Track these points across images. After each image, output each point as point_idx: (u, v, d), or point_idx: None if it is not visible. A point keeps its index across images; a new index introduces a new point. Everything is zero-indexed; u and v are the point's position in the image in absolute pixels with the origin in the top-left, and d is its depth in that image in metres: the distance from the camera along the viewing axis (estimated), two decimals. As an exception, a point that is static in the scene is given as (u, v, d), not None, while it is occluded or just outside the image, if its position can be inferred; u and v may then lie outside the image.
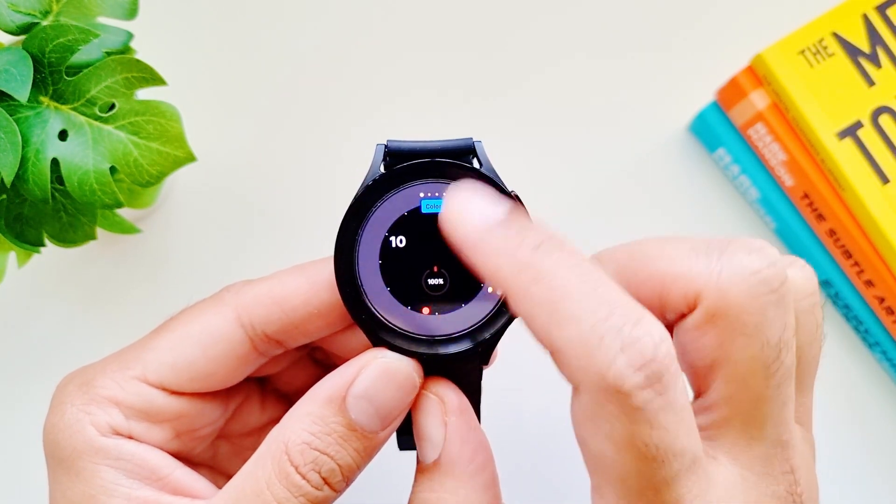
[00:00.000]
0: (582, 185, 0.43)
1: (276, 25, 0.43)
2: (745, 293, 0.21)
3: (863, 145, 0.38)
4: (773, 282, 0.21)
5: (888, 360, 0.41)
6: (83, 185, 0.30)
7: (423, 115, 0.43)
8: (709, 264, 0.21)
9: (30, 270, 0.39)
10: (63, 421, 0.25)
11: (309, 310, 0.26)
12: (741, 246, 0.22)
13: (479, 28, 0.44)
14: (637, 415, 0.19)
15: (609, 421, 0.19)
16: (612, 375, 0.19)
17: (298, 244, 0.41)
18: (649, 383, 0.19)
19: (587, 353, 0.19)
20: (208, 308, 0.27)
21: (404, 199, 0.25)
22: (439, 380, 0.25)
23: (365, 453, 0.24)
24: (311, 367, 0.31)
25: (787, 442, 0.22)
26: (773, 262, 0.21)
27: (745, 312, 0.21)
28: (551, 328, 0.20)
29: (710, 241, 0.22)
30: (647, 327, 0.19)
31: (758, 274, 0.21)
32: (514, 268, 0.20)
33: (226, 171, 0.42)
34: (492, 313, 0.25)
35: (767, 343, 0.21)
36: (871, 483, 0.42)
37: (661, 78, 0.44)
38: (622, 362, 0.19)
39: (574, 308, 0.19)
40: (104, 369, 0.26)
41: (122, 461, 0.25)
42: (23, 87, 0.28)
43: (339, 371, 0.24)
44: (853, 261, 0.40)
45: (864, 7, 0.39)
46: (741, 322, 0.21)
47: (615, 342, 0.19)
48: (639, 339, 0.19)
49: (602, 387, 0.19)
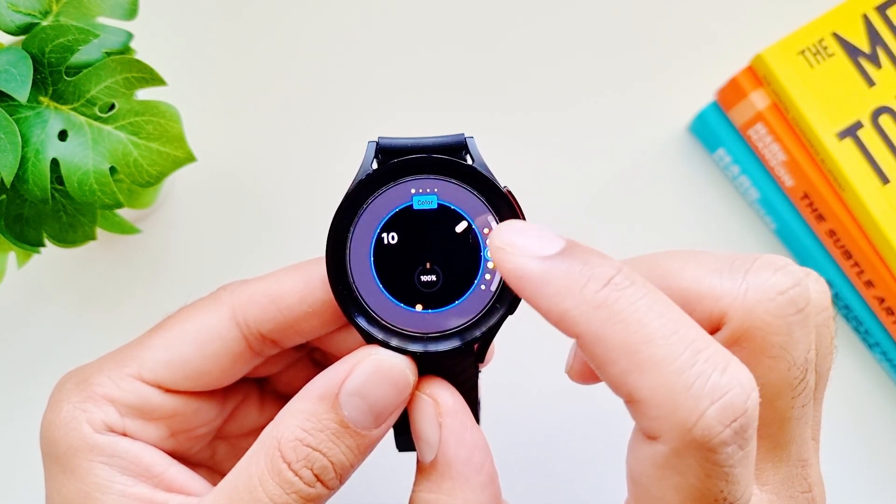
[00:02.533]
0: (582, 185, 0.43)
1: (275, 25, 0.43)
2: (771, 314, 0.20)
3: (863, 145, 0.38)
4: (800, 301, 0.20)
5: (888, 360, 0.41)
6: (83, 186, 0.30)
7: (424, 113, 0.43)
8: (734, 284, 0.21)
9: (29, 271, 0.39)
10: (59, 418, 0.25)
11: (304, 308, 0.26)
12: (766, 264, 0.21)
13: (479, 26, 0.44)
14: (716, 470, 0.18)
15: (682, 473, 0.18)
16: (699, 429, 0.18)
17: (298, 243, 0.41)
18: (736, 439, 0.18)
19: (673, 404, 0.18)
20: (204, 307, 0.27)
21: (396, 196, 0.25)
22: (434, 379, 0.25)
23: (358, 451, 0.24)
24: (310, 367, 0.31)
25: (806, 461, 0.22)
26: (799, 281, 0.21)
27: (772, 333, 0.20)
28: (631, 375, 0.19)
29: (733, 259, 0.21)
30: (736, 375, 0.18)
31: (784, 294, 0.20)
32: (586, 308, 0.19)
33: (226, 172, 0.42)
34: (486, 309, 0.25)
35: (794, 364, 0.20)
36: (871, 484, 0.42)
37: (661, 78, 0.43)
38: (712, 415, 0.18)
39: (657, 352, 0.18)
40: (101, 367, 0.26)
41: (116, 458, 0.25)
42: (22, 87, 0.28)
43: (332, 368, 0.24)
44: (853, 261, 0.40)
45: (864, 7, 0.39)
46: (768, 343, 0.20)
47: (704, 392, 0.18)
48: (729, 390, 0.18)
49: (686, 440, 0.18)
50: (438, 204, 0.25)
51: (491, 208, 0.25)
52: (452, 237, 0.25)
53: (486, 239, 0.24)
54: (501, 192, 0.24)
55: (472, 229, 0.25)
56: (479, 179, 0.24)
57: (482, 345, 0.25)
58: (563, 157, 0.43)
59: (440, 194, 0.25)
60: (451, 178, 0.25)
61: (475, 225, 0.25)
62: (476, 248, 0.25)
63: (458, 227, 0.25)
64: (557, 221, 0.42)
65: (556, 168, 0.43)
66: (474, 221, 0.25)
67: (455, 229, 0.25)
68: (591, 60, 0.44)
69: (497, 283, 0.25)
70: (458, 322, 0.25)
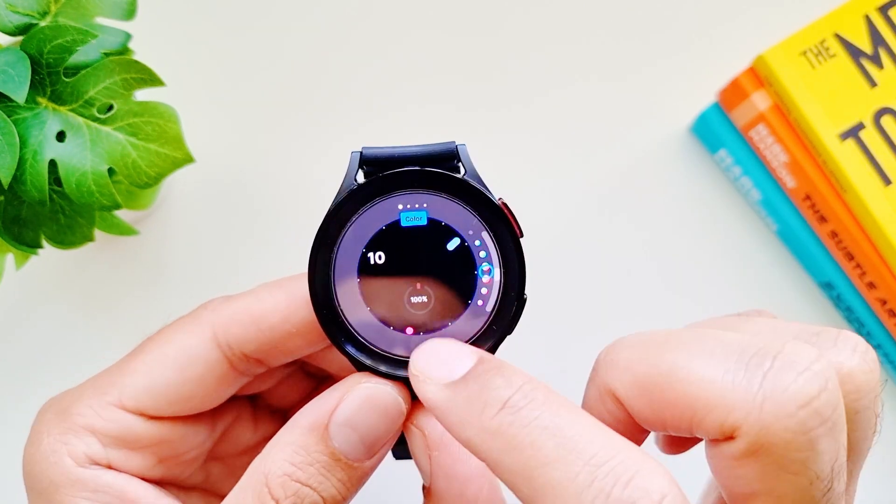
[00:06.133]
0: (583, 186, 0.43)
1: (274, 27, 0.43)
2: (792, 430, 0.18)
3: (865, 146, 0.38)
4: (826, 410, 0.18)
5: (890, 362, 0.41)
6: (81, 187, 0.29)
7: (424, 114, 0.43)
8: (749, 392, 0.18)
9: (28, 272, 0.39)
10: (39, 452, 0.24)
11: (287, 328, 0.25)
12: (788, 364, 0.18)
13: (480, 25, 0.44)
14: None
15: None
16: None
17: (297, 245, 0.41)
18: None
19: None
20: (185, 327, 0.26)
21: (382, 212, 0.23)
22: (423, 408, 0.24)
23: (350, 483, 0.23)
24: (305, 380, 0.30)
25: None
26: (826, 385, 0.18)
27: (792, 451, 0.18)
28: (535, 499, 0.18)
29: (749, 355, 0.19)
30: (641, 484, 0.17)
31: (808, 406, 0.18)
32: (485, 437, 0.19)
33: (224, 173, 0.42)
34: (481, 331, 0.23)
35: (818, 477, 0.18)
36: (873, 485, 0.42)
37: (663, 79, 0.43)
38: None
39: (553, 475, 0.18)
40: (81, 396, 0.25)
41: (99, 493, 0.24)
42: (20, 88, 0.27)
43: (321, 398, 0.23)
44: (855, 262, 0.40)
45: (866, 8, 0.39)
46: (788, 459, 0.18)
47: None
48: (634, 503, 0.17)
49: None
50: (429, 220, 0.23)
51: (485, 223, 0.23)
52: (444, 255, 0.23)
53: (479, 256, 0.23)
54: (495, 206, 0.23)
55: (466, 246, 0.23)
56: (472, 192, 0.23)
57: None
58: (563, 158, 0.43)
59: (430, 209, 0.23)
60: (441, 192, 0.23)
61: (468, 242, 0.23)
62: (470, 267, 0.23)
63: (450, 244, 0.23)
64: (558, 223, 0.42)
65: (556, 169, 0.43)
66: (468, 238, 0.23)
67: (447, 247, 0.23)
68: (593, 61, 0.43)
69: (493, 304, 0.23)
70: None
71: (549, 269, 0.41)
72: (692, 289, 0.42)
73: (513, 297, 0.23)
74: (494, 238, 0.23)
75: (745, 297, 0.42)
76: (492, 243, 0.23)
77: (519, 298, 0.23)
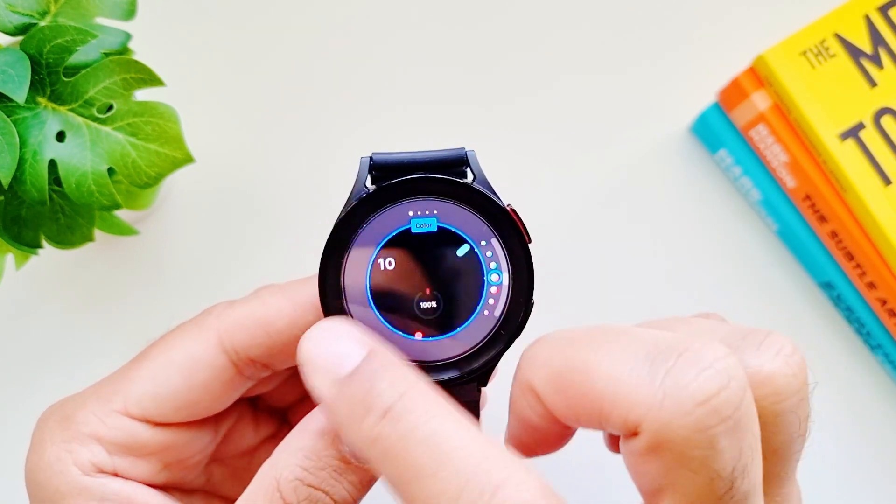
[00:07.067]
0: (583, 186, 0.43)
1: (274, 27, 0.43)
2: (689, 427, 0.18)
3: (865, 146, 0.38)
4: (726, 409, 0.18)
5: (890, 362, 0.41)
6: (81, 187, 0.29)
7: (426, 116, 0.43)
8: (650, 388, 0.18)
9: (28, 272, 0.39)
10: (44, 460, 0.24)
11: (293, 332, 0.25)
12: (690, 361, 0.18)
13: (480, 26, 0.44)
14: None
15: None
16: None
17: (297, 245, 0.41)
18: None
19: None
20: (189, 333, 0.26)
21: (393, 219, 0.23)
22: None
23: (362, 486, 0.23)
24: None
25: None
26: (728, 383, 0.18)
27: (690, 448, 0.18)
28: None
29: (656, 351, 0.19)
30: (507, 494, 0.17)
31: (706, 404, 0.18)
32: (366, 444, 0.19)
33: (224, 173, 0.42)
34: (489, 336, 0.24)
35: (718, 476, 0.18)
36: (873, 486, 0.42)
37: (663, 79, 0.43)
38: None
39: (429, 489, 0.18)
40: (84, 403, 0.25)
41: (106, 501, 0.24)
42: (20, 87, 0.27)
43: None
44: (855, 262, 0.40)
45: (866, 8, 0.39)
46: (687, 457, 0.18)
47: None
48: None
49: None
50: (438, 227, 0.23)
51: (494, 229, 0.23)
52: (453, 261, 0.23)
53: (488, 262, 0.24)
54: (505, 212, 0.23)
55: (475, 253, 0.24)
56: (481, 199, 0.23)
57: (484, 372, 0.24)
58: (563, 159, 0.43)
59: (440, 216, 0.23)
60: (451, 199, 0.23)
61: (478, 248, 0.24)
62: (479, 273, 0.24)
63: (460, 250, 0.24)
64: (558, 223, 0.42)
65: (557, 169, 0.43)
66: (477, 244, 0.24)
67: (456, 253, 0.24)
68: (593, 61, 0.43)
69: (501, 309, 0.24)
70: (460, 350, 0.24)
71: (549, 269, 0.41)
72: (692, 289, 0.42)
73: (521, 303, 0.24)
74: (503, 244, 0.23)
75: (745, 297, 0.42)
76: (501, 249, 0.24)
77: (527, 304, 0.24)
